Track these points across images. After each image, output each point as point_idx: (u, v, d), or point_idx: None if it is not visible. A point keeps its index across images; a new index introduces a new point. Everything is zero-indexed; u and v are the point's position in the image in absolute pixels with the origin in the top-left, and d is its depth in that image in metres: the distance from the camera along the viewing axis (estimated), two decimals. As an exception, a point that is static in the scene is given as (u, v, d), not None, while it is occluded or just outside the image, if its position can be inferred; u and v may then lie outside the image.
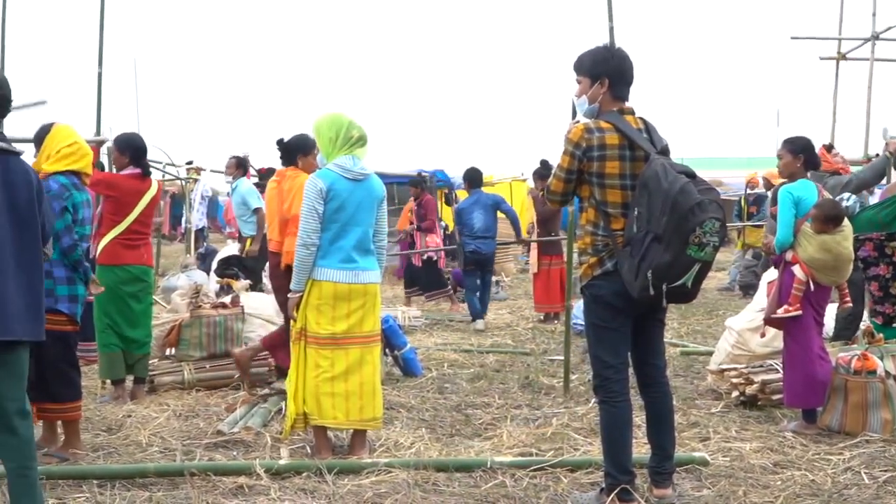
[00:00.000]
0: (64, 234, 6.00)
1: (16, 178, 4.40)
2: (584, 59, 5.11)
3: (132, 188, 7.58)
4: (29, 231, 4.45)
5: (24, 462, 4.46)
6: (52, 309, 5.84)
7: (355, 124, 6.08)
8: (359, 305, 6.02)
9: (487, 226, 12.28)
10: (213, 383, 8.17)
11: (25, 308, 4.40)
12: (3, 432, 4.45)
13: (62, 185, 6.09)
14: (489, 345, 10.77)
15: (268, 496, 5.27)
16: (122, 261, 7.53)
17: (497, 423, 6.95)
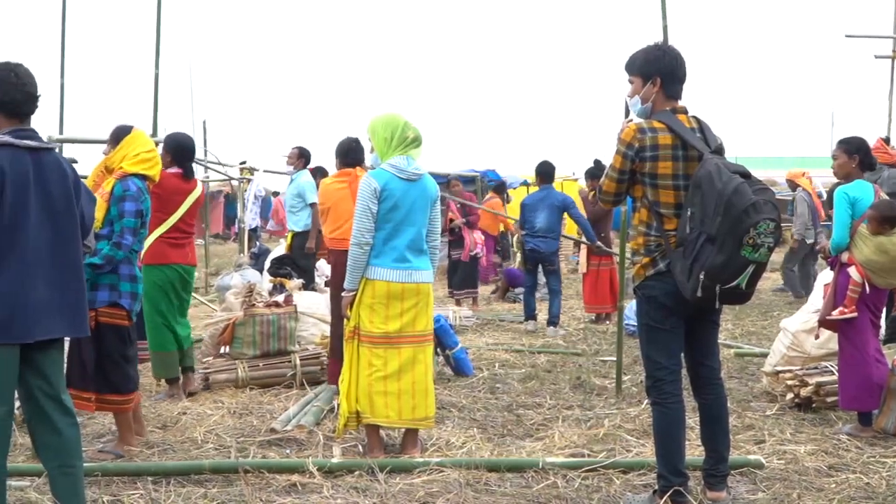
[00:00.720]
0: (130, 234, 6.11)
1: (50, 174, 4.45)
2: (635, 59, 5.08)
3: (175, 187, 7.63)
4: (67, 227, 4.51)
5: (69, 461, 4.53)
6: (115, 303, 6.08)
7: (410, 125, 6.11)
8: (412, 305, 6.04)
9: (550, 225, 11.96)
10: (266, 381, 8.23)
11: (60, 306, 4.46)
12: (47, 432, 4.52)
13: (139, 188, 6.25)
14: (540, 345, 10.74)
15: (320, 494, 5.30)
16: (169, 260, 7.60)
17: (549, 423, 6.94)
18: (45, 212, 4.40)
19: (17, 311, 4.30)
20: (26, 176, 4.35)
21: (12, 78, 4.43)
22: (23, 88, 4.45)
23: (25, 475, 5.46)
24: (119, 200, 6.13)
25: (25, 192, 4.34)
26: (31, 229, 4.34)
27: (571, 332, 11.80)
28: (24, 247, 4.32)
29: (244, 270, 13.91)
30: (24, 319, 4.32)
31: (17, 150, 4.36)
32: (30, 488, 5.25)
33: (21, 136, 4.40)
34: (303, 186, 12.41)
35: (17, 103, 4.45)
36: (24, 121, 4.49)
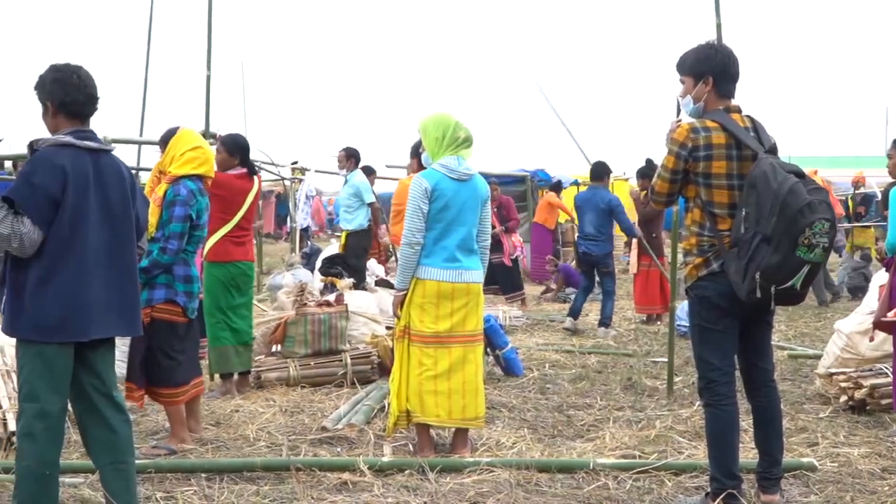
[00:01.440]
0: (176, 239, 6.21)
1: (108, 176, 4.51)
2: (686, 58, 5.04)
3: (239, 187, 7.81)
4: (123, 228, 4.56)
5: (121, 457, 4.59)
6: (171, 300, 6.23)
7: (462, 125, 6.11)
8: (462, 304, 6.05)
9: (598, 227, 11.87)
10: (317, 380, 8.28)
11: (115, 306, 4.52)
12: (99, 429, 4.58)
13: (191, 190, 6.32)
14: (591, 345, 10.71)
15: (371, 492, 5.32)
16: (232, 257, 7.79)
17: (599, 424, 6.91)
18: (103, 213, 4.46)
19: (74, 311, 4.37)
20: (86, 177, 4.41)
21: (74, 79, 4.49)
22: (84, 90, 4.51)
23: (79, 472, 5.53)
24: (169, 205, 6.23)
25: (85, 193, 4.40)
26: (89, 230, 4.40)
27: (622, 333, 11.75)
28: (82, 247, 4.38)
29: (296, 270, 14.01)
30: (80, 319, 4.38)
31: (78, 151, 4.42)
32: (83, 485, 5.32)
33: (81, 136, 4.47)
34: (359, 186, 12.52)
35: (79, 104, 4.51)
36: (84, 122, 4.55)
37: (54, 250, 4.33)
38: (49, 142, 4.44)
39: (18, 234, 4.24)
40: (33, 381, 4.36)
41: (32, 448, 4.36)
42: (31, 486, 4.37)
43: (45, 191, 4.29)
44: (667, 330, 9.09)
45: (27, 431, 4.38)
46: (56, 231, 4.32)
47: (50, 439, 4.39)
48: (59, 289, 4.34)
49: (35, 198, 4.29)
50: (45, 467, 4.37)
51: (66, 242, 4.34)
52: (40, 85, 4.54)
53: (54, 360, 4.36)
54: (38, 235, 4.29)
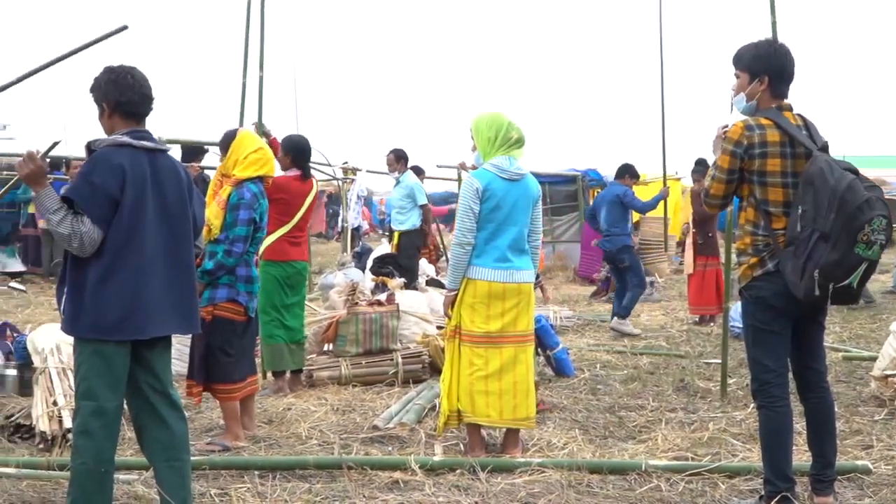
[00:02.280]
0: (241, 242, 6.30)
1: (165, 176, 4.55)
2: (744, 54, 4.98)
3: (297, 190, 7.98)
4: (180, 228, 4.61)
5: (176, 455, 4.63)
6: (233, 299, 6.35)
7: (514, 125, 6.10)
8: (513, 304, 6.04)
9: (611, 222, 11.78)
10: (368, 379, 8.32)
11: (172, 305, 4.56)
12: (155, 427, 4.62)
13: (254, 194, 6.41)
14: (642, 346, 10.63)
15: (422, 492, 5.34)
16: (288, 257, 7.93)
17: (651, 425, 6.87)
18: (161, 213, 4.51)
19: (133, 310, 4.41)
20: (144, 176, 4.45)
21: (129, 80, 4.54)
22: (139, 90, 4.55)
23: (133, 469, 5.60)
24: (234, 209, 6.32)
25: (143, 193, 4.44)
26: (147, 229, 4.45)
27: (674, 334, 11.65)
28: (141, 246, 4.43)
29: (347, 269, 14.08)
30: (139, 317, 4.43)
31: (135, 151, 4.47)
32: (137, 482, 5.38)
33: (138, 136, 4.52)
34: (413, 187, 12.60)
35: (134, 104, 4.55)
36: (140, 122, 4.60)
37: (113, 249, 4.38)
38: (107, 142, 4.49)
39: (79, 233, 4.30)
40: (91, 378, 4.42)
41: (89, 446, 4.41)
42: (86, 484, 4.42)
43: (104, 190, 4.34)
44: (720, 331, 9.00)
45: (84, 429, 4.43)
46: (115, 230, 4.37)
47: (106, 437, 4.44)
48: (118, 288, 4.38)
49: (95, 197, 4.35)
50: (100, 465, 4.41)
51: (124, 241, 4.39)
52: (96, 87, 4.59)
53: (112, 359, 4.42)
54: (98, 235, 4.34)
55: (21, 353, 7.86)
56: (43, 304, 14.28)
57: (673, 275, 18.67)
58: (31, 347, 7.42)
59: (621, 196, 11.81)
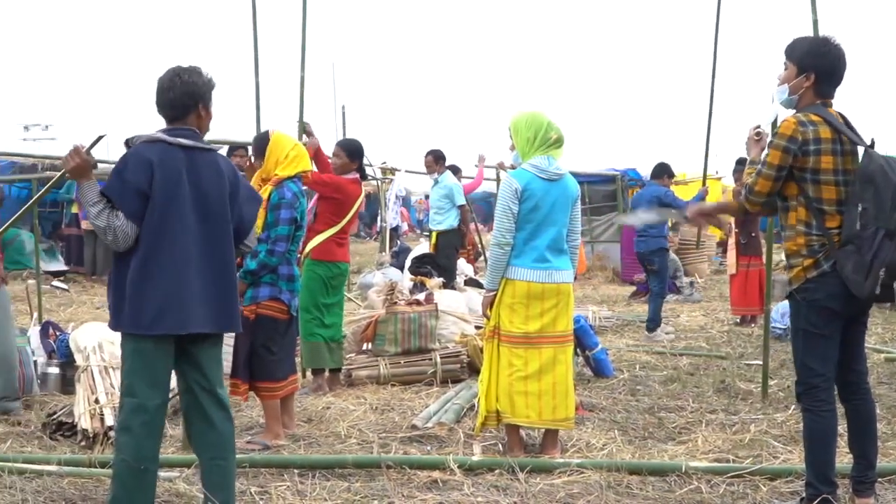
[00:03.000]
0: (283, 241, 6.34)
1: (204, 173, 4.58)
2: (797, 46, 4.88)
3: (352, 192, 8.09)
4: (219, 226, 4.62)
5: (220, 454, 4.66)
6: (276, 297, 6.39)
7: (554, 125, 6.07)
8: (552, 305, 6.02)
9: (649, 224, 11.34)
10: (407, 378, 8.33)
11: (212, 302, 4.58)
12: (201, 424, 4.66)
13: (294, 193, 6.45)
14: (682, 347, 10.56)
15: (461, 491, 5.33)
16: (334, 257, 8.02)
17: (691, 427, 6.82)
18: (198, 209, 4.53)
19: (170, 305, 4.44)
20: (178, 171, 4.48)
21: (174, 80, 4.60)
22: (181, 89, 4.59)
23: (175, 466, 5.63)
24: (275, 208, 6.35)
25: (176, 188, 4.47)
26: (183, 225, 4.48)
27: (715, 335, 11.56)
28: (176, 242, 4.47)
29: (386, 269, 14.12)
30: (176, 313, 4.45)
31: (168, 147, 4.51)
32: (178, 479, 5.41)
33: (175, 134, 4.56)
34: (452, 188, 12.63)
35: (170, 103, 4.61)
36: (182, 121, 4.63)
37: (149, 244, 4.43)
38: (142, 138, 4.56)
39: (112, 227, 4.38)
40: (132, 376, 4.47)
41: (129, 442, 4.45)
42: (125, 481, 4.46)
43: (134, 185, 4.41)
44: (761, 332, 8.92)
45: (124, 426, 4.48)
46: (149, 225, 4.42)
47: (147, 434, 4.47)
48: (154, 283, 4.43)
49: (125, 192, 4.42)
50: (140, 462, 4.45)
51: (158, 236, 4.43)
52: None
53: (152, 356, 4.46)
54: (132, 230, 4.40)
55: (63, 351, 7.96)
56: (85, 303, 14.44)
57: (713, 275, 18.54)
58: (73, 346, 7.50)
59: (661, 196, 11.55)
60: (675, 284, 14.83)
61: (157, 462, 4.61)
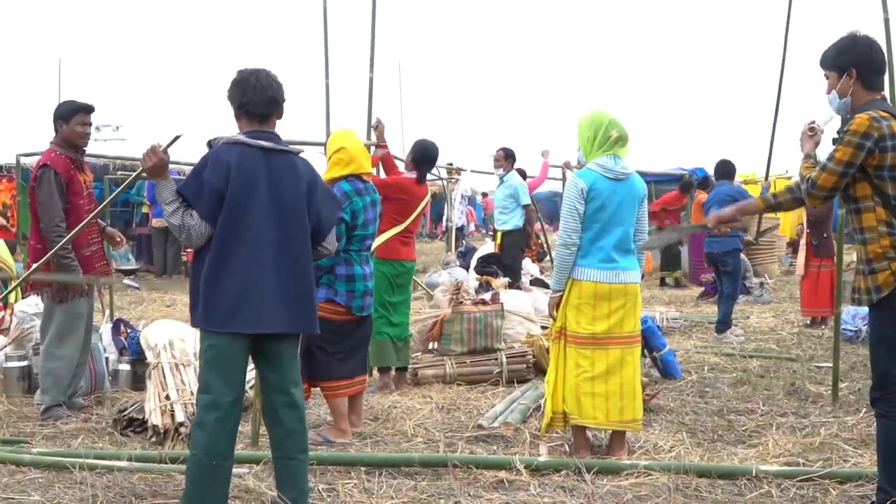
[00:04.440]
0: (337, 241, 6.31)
1: (282, 174, 4.62)
2: (827, 53, 4.81)
3: (417, 192, 8.18)
4: (295, 226, 4.65)
5: (291, 454, 4.70)
6: (330, 299, 6.44)
7: (616, 123, 6.01)
8: (619, 305, 5.98)
9: None
10: (473, 378, 8.33)
11: (287, 302, 4.61)
12: (273, 423, 4.73)
13: (344, 192, 6.47)
14: (752, 349, 10.43)
15: (527, 492, 5.32)
16: (399, 256, 8.09)
17: (761, 430, 6.73)
18: (275, 211, 4.58)
19: (242, 303, 4.49)
20: (255, 173, 4.54)
21: (252, 81, 4.65)
22: (262, 92, 4.64)
23: (244, 462, 5.68)
24: None
25: (252, 190, 4.52)
26: (258, 225, 4.53)
27: (785, 337, 11.40)
28: (249, 242, 4.51)
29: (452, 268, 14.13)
30: (249, 311, 4.50)
31: (248, 149, 4.57)
32: (248, 475, 5.46)
33: (256, 136, 4.61)
34: (517, 188, 12.62)
35: (254, 105, 4.65)
36: (264, 123, 4.68)
37: (222, 243, 4.49)
38: (223, 140, 4.63)
39: (187, 226, 4.46)
40: (206, 372, 4.54)
41: (201, 438, 4.50)
42: (196, 476, 4.52)
43: (210, 185, 4.47)
44: (831, 334, 8.78)
45: (198, 422, 4.55)
46: (224, 224, 4.48)
47: (220, 431, 4.51)
48: (227, 280, 4.48)
49: (202, 192, 4.48)
50: (211, 458, 4.49)
51: (233, 235, 4.49)
52: (229, 88, 4.73)
53: (226, 353, 4.51)
54: (206, 229, 4.48)
55: (134, 348, 8.09)
56: (155, 301, 14.66)
57: (782, 276, 18.30)
58: (144, 343, 7.61)
59: (737, 197, 11.39)
60: (745, 285, 14.63)
61: (231, 459, 4.64)
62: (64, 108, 7.21)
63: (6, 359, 8.07)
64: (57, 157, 7.05)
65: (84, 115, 7.18)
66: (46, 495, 5.21)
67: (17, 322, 8.47)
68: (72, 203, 6.99)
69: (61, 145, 7.13)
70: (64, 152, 7.11)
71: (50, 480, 5.47)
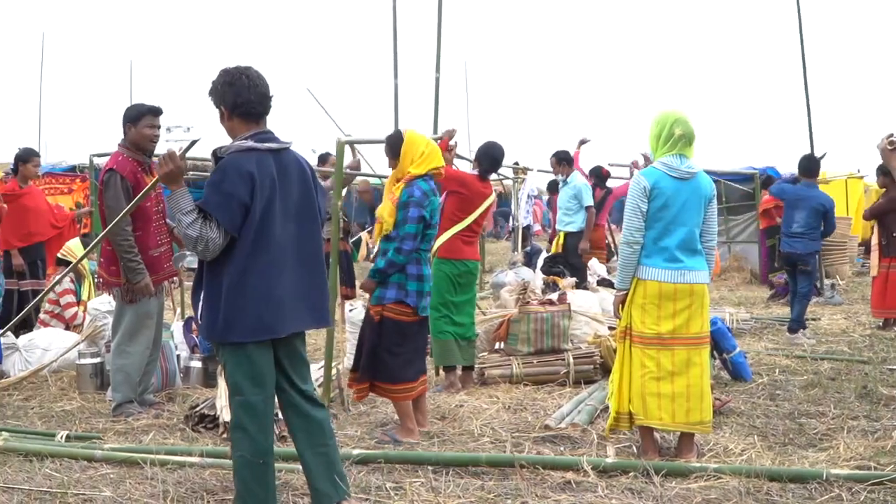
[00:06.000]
0: (411, 239, 6.33)
1: (290, 173, 4.64)
2: None
3: (478, 189, 8.16)
4: (306, 222, 4.69)
5: (321, 440, 4.76)
6: (401, 301, 6.41)
7: (682, 122, 5.95)
8: (685, 305, 5.93)
9: (808, 225, 11.10)
10: (539, 378, 8.32)
11: (303, 299, 4.66)
12: (297, 417, 4.77)
13: (424, 191, 6.44)
14: (823, 351, 10.27)
15: (594, 493, 5.30)
16: (461, 255, 8.07)
17: (833, 433, 6.63)
18: (287, 210, 4.60)
19: (268, 309, 4.52)
20: (272, 179, 4.54)
21: (244, 80, 4.60)
22: (255, 90, 4.61)
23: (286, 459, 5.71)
24: (404, 206, 6.38)
25: (272, 195, 4.52)
26: (276, 229, 4.54)
27: (856, 339, 11.21)
28: (271, 247, 4.53)
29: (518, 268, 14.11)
30: (274, 316, 4.54)
31: (261, 154, 4.55)
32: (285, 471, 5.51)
33: (261, 139, 4.60)
34: (580, 189, 12.60)
35: (251, 104, 4.61)
36: (260, 122, 4.67)
37: (246, 253, 4.48)
38: (232, 148, 4.56)
39: (206, 238, 4.41)
40: (235, 374, 4.56)
41: (243, 439, 4.57)
42: (245, 476, 4.57)
43: (236, 198, 4.42)
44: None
45: (236, 423, 4.59)
46: (246, 234, 4.46)
47: (258, 430, 4.57)
48: (253, 289, 4.49)
49: (227, 205, 4.42)
50: (257, 457, 4.56)
51: (255, 245, 4.48)
52: (213, 90, 4.65)
53: (253, 354, 4.55)
54: (223, 241, 4.44)
55: (205, 346, 8.20)
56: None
57: (854, 277, 17.99)
58: (215, 340, 7.70)
59: (828, 208, 11.20)
60: (816, 286, 14.42)
61: (273, 454, 4.70)
62: (132, 110, 7.32)
63: (79, 356, 8.24)
64: (123, 161, 7.16)
65: (152, 117, 7.28)
66: (118, 491, 5.31)
67: (90, 319, 8.65)
68: (139, 206, 7.02)
69: (129, 148, 7.25)
70: (131, 155, 7.22)
71: (121, 476, 5.58)
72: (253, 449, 4.55)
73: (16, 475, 5.58)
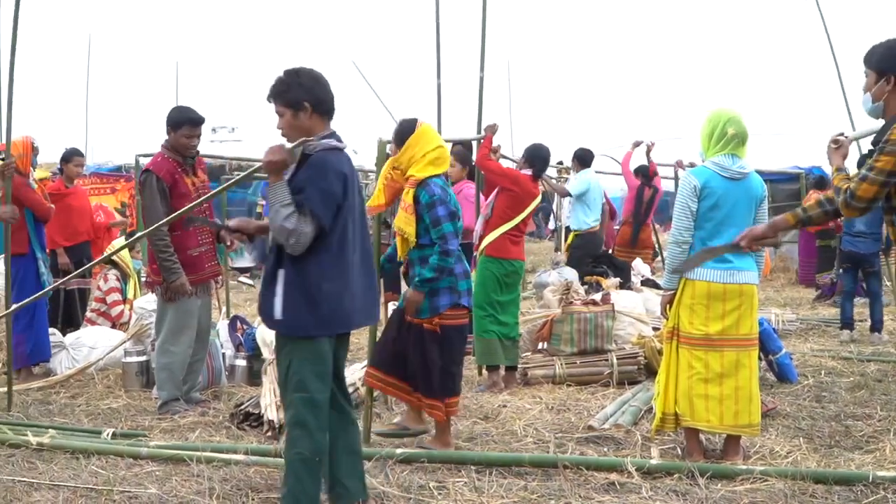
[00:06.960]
0: (452, 237, 5.99)
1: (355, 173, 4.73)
2: (874, 52, 4.67)
3: (529, 190, 8.18)
4: (363, 221, 4.80)
5: (354, 439, 4.88)
6: (455, 304, 6.13)
7: (735, 121, 5.89)
8: (734, 306, 5.87)
9: (869, 225, 11.04)
10: (583, 379, 8.30)
11: (365, 295, 4.76)
12: (339, 412, 4.83)
13: (441, 187, 6.08)
14: (870, 353, 10.15)
15: (639, 494, 5.28)
16: (508, 255, 8.08)
17: (879, 435, 6.55)
18: (356, 209, 4.71)
19: (343, 304, 4.60)
20: (352, 178, 4.65)
21: (322, 79, 4.69)
22: (330, 89, 4.70)
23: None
24: (429, 208, 5.97)
25: (354, 195, 4.64)
26: (352, 227, 4.64)
27: (904, 340, 11.07)
28: (348, 245, 4.61)
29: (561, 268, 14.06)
30: (347, 310, 4.63)
31: (342, 153, 4.67)
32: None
33: (335, 138, 4.68)
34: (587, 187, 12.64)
35: (332, 103, 4.71)
36: (331, 121, 4.73)
37: (333, 249, 4.55)
38: (320, 147, 4.60)
39: (299, 231, 4.44)
40: (303, 371, 4.57)
41: (304, 436, 4.58)
42: (301, 474, 4.59)
43: (333, 196, 4.51)
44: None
45: (298, 420, 4.59)
46: (332, 232, 4.53)
47: (320, 427, 4.60)
48: (334, 284, 4.56)
49: (326, 202, 4.49)
50: (316, 455, 4.59)
51: (340, 241, 4.57)
52: (296, 86, 4.62)
53: (321, 350, 4.60)
54: (312, 237, 4.47)
55: (250, 344, 8.26)
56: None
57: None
58: (259, 339, 7.77)
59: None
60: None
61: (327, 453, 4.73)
62: (175, 116, 7.37)
63: (125, 354, 8.34)
64: (162, 162, 7.23)
65: (191, 127, 7.32)
66: (163, 488, 5.36)
67: (135, 318, 8.75)
68: (176, 207, 6.96)
69: (170, 149, 7.32)
70: (171, 156, 7.29)
71: (167, 473, 5.63)
72: (313, 447, 4.58)
73: (62, 472, 5.66)
